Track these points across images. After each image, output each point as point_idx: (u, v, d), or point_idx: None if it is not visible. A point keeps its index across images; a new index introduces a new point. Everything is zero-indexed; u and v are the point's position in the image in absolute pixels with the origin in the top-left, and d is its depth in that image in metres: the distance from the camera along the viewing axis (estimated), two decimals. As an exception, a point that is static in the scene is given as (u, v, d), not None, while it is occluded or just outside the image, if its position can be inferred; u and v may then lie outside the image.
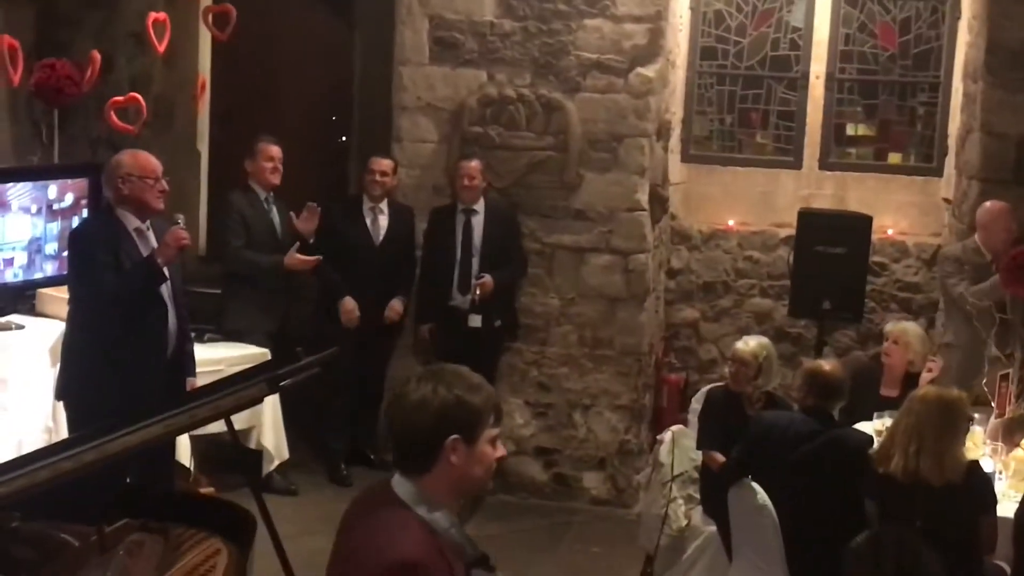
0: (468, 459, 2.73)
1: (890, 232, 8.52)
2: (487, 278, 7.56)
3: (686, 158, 8.83)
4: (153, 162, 5.64)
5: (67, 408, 5.74)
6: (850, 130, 8.75)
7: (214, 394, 3.94)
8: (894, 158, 8.74)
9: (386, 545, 2.66)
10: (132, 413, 3.90)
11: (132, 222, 5.59)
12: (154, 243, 5.61)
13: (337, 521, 2.98)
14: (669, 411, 8.41)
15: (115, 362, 5.48)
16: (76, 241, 5.69)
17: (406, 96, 8.04)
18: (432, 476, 2.73)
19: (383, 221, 7.76)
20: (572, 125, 7.84)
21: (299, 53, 8.89)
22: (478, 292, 7.54)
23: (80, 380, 5.59)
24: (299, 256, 7.30)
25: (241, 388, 3.96)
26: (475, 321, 7.58)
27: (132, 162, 5.61)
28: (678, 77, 8.60)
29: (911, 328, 6.97)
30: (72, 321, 5.70)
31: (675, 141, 8.67)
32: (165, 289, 5.62)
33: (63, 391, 5.72)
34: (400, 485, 2.76)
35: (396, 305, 7.83)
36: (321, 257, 7.35)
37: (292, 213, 7.43)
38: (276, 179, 7.45)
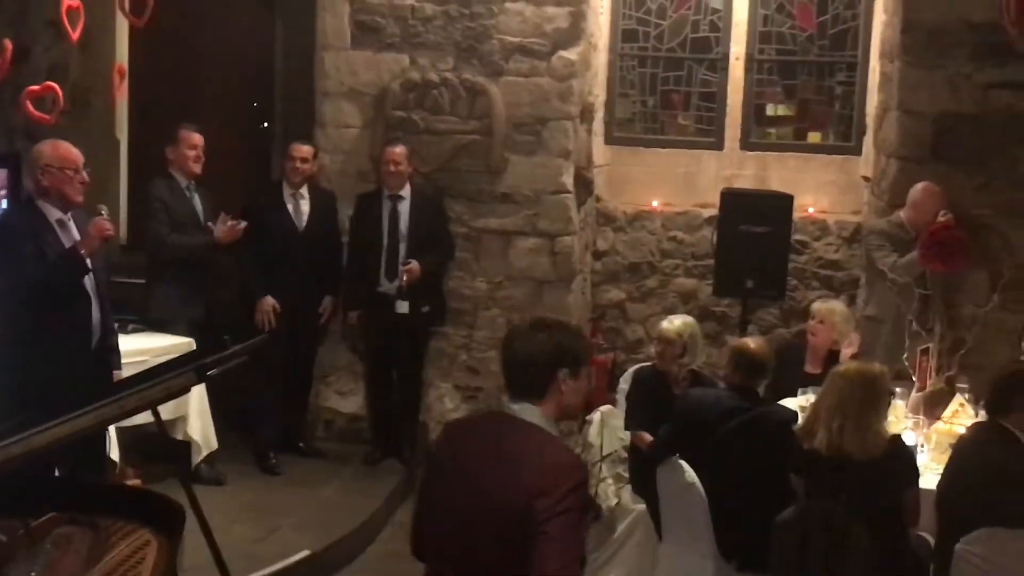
0: (573, 389, 3.36)
1: (811, 211, 8.64)
2: (413, 264, 7.55)
3: (610, 140, 8.88)
4: (74, 153, 5.58)
5: None
6: (770, 110, 8.85)
7: (142, 384, 3.91)
8: (814, 137, 8.86)
9: (550, 449, 3.26)
10: (60, 404, 3.86)
11: (53, 213, 5.53)
12: (76, 235, 5.55)
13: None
14: (597, 391, 8.42)
15: (37, 354, 5.40)
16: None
17: (328, 82, 8.00)
18: (544, 403, 3.34)
19: (305, 207, 7.71)
20: (496, 109, 7.85)
21: (220, 39, 8.79)
22: (405, 278, 7.53)
23: (2, 372, 5.50)
24: (226, 225, 7.24)
25: (169, 377, 3.92)
26: (403, 307, 7.56)
27: (52, 153, 5.56)
28: (600, 60, 8.65)
29: (838, 307, 7.05)
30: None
31: (598, 124, 8.72)
32: (89, 281, 5.56)
33: None
34: (525, 411, 3.33)
35: (327, 304, 7.81)
36: (246, 223, 7.30)
37: (210, 223, 7.34)
38: (198, 167, 7.37)
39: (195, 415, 7.23)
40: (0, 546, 3.60)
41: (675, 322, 6.38)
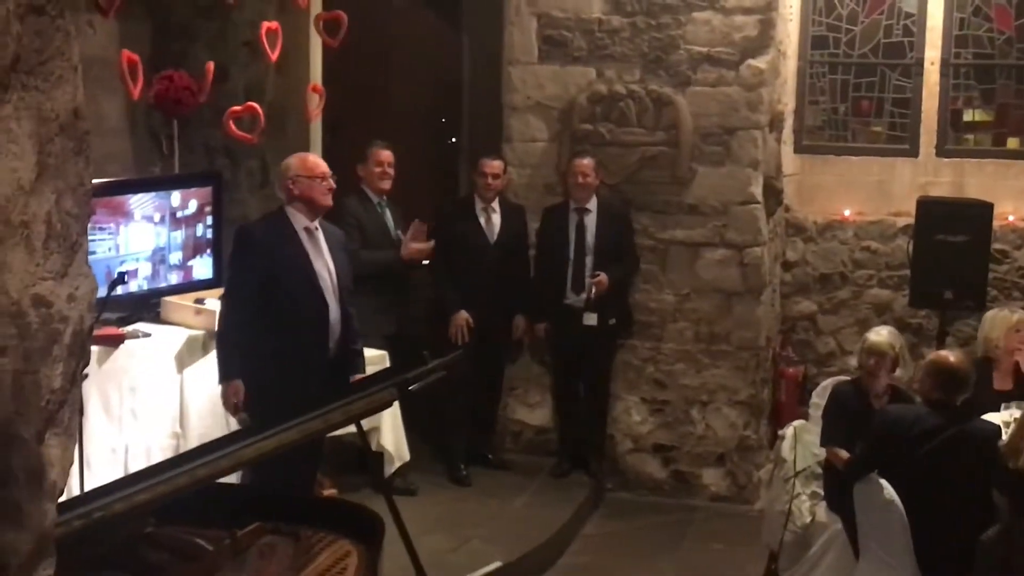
0: None
1: (1011, 218, 8.33)
2: (602, 276, 7.54)
3: (799, 149, 8.73)
4: (319, 162, 6.01)
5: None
6: (967, 116, 8.58)
7: (346, 398, 3.99)
8: (1013, 143, 8.55)
9: None
10: (265, 419, 3.97)
11: (301, 221, 5.88)
12: (323, 242, 5.92)
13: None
14: (788, 405, 8.32)
15: (271, 357, 5.71)
16: (241, 234, 5.98)
17: (516, 96, 8.05)
18: None
19: (496, 220, 7.78)
20: (683, 119, 7.79)
21: (408, 57, 8.95)
22: (594, 290, 7.53)
23: (243, 365, 5.80)
24: (415, 245, 7.39)
25: (371, 392, 4.01)
26: (591, 319, 7.57)
27: (300, 164, 5.97)
28: (789, 67, 8.51)
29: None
30: (225, 309, 5.92)
31: (787, 132, 8.57)
32: (327, 284, 5.84)
33: (224, 375, 5.86)
34: None
35: (519, 323, 7.87)
36: (434, 242, 7.42)
37: (400, 231, 7.49)
38: (387, 184, 7.51)
39: (388, 427, 7.36)
40: (207, 556, 3.71)
41: (882, 333, 6.21)
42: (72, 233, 1.61)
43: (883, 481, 5.50)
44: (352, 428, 4.18)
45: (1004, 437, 5.43)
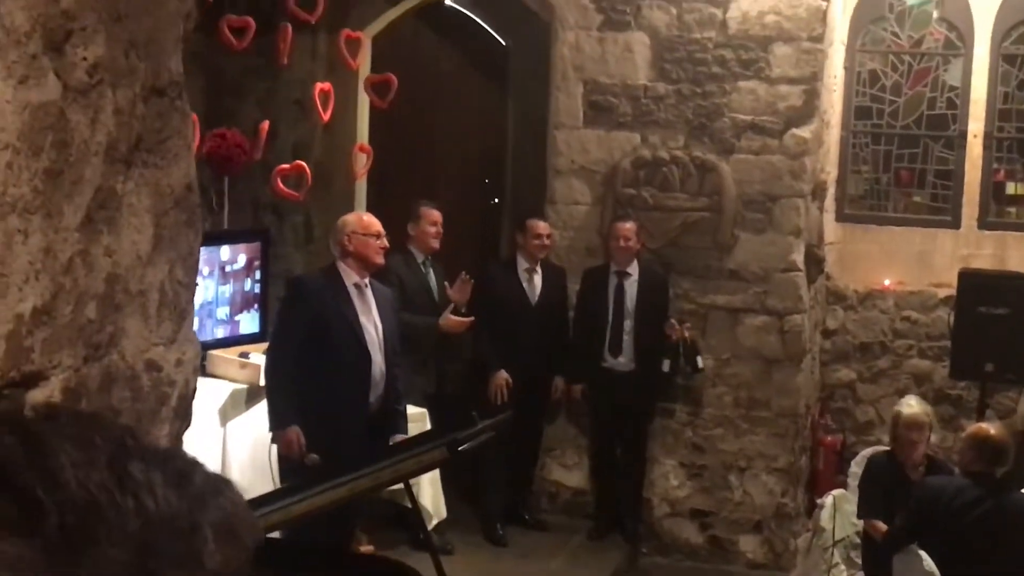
0: None
1: (1053, 292, 8.32)
2: (676, 324, 7.60)
3: (841, 217, 8.78)
4: (375, 222, 6.17)
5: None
6: (1010, 189, 8.61)
7: (394, 457, 4.05)
8: (1055, 217, 8.57)
9: None
10: (321, 472, 4.02)
11: (352, 277, 6.00)
12: (371, 299, 6.04)
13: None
14: (826, 473, 8.31)
15: (313, 410, 5.78)
16: (293, 285, 6.21)
17: (560, 159, 8.15)
18: None
19: (538, 281, 7.85)
20: (726, 186, 7.86)
21: (455, 118, 9.07)
22: (675, 336, 7.58)
23: (291, 412, 5.86)
24: (454, 318, 7.41)
25: (420, 451, 4.07)
26: (667, 365, 7.62)
27: (357, 221, 6.17)
28: (832, 137, 8.58)
29: None
30: (272, 358, 6.03)
31: (830, 200, 8.63)
32: (374, 338, 5.89)
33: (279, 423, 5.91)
34: None
35: (558, 384, 7.91)
36: (474, 318, 7.45)
37: (446, 283, 7.56)
38: (437, 243, 7.59)
39: (427, 483, 7.38)
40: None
41: (914, 405, 6.23)
42: (182, 301, 1.69)
43: (923, 553, 5.50)
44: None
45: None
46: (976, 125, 8.50)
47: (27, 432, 0.72)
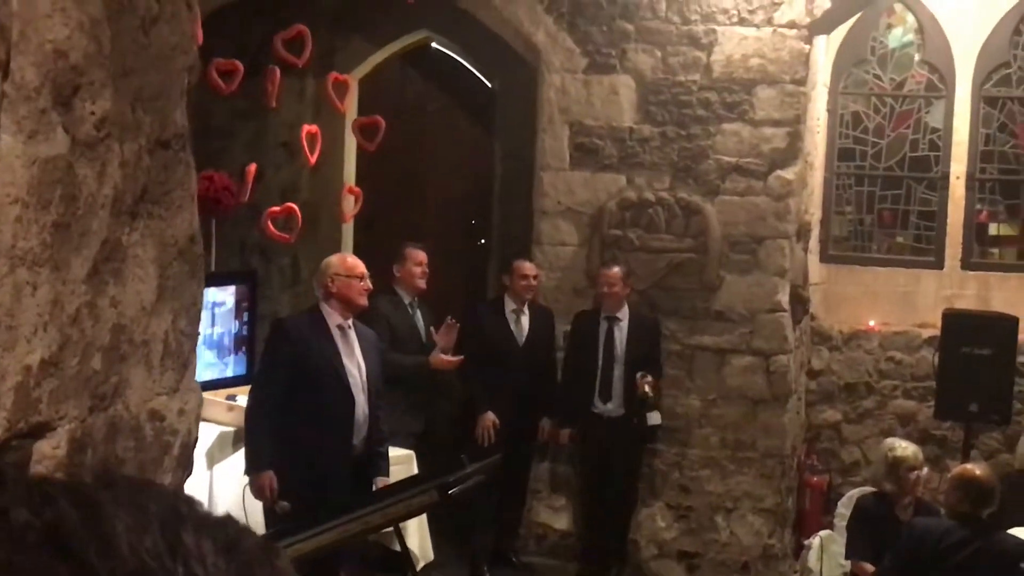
0: None
1: (1036, 333, 8.38)
2: (649, 376, 7.56)
3: (825, 258, 8.83)
4: (359, 263, 6.17)
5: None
6: (992, 230, 8.69)
7: (384, 501, 4.05)
8: (1038, 258, 8.65)
9: None
10: (307, 520, 4.02)
11: (335, 319, 5.99)
12: (355, 341, 6.01)
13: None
14: (812, 514, 8.31)
15: (294, 446, 5.74)
16: (276, 327, 6.18)
17: (546, 200, 8.18)
18: None
19: (525, 322, 7.87)
20: (712, 227, 7.90)
21: (441, 160, 9.12)
22: (649, 389, 7.52)
23: (266, 456, 5.81)
24: (443, 357, 7.42)
25: (411, 495, 4.07)
26: (655, 419, 7.59)
27: (340, 263, 6.15)
28: (816, 178, 8.64)
29: None
30: (254, 400, 5.98)
31: (814, 241, 8.68)
32: (357, 380, 5.89)
33: (254, 466, 5.87)
34: None
35: (545, 426, 7.91)
36: (463, 357, 7.46)
37: (432, 328, 7.57)
38: (423, 284, 7.60)
39: (414, 526, 7.35)
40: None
41: (906, 446, 6.24)
42: (184, 351, 1.70)
43: (912, 595, 5.50)
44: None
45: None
46: (958, 167, 8.58)
47: (85, 499, 0.74)
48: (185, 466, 1.76)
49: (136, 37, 1.59)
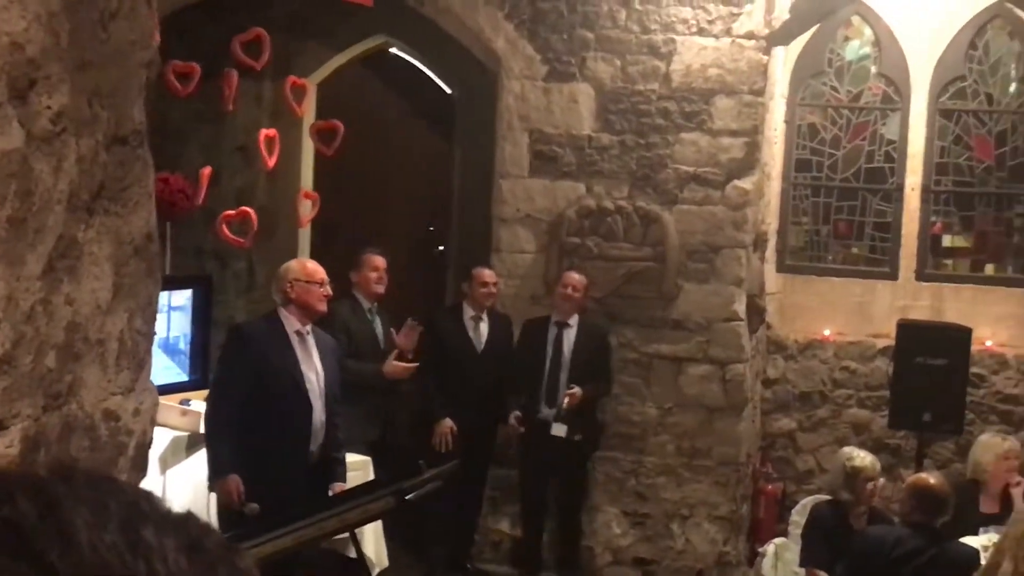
0: None
1: (989, 344, 8.47)
2: (576, 390, 7.54)
3: (781, 268, 8.88)
4: (319, 269, 6.10)
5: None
6: (946, 241, 8.76)
7: (340, 506, 4.03)
8: (991, 269, 8.72)
9: None
10: (260, 525, 3.99)
11: (293, 325, 5.94)
12: (313, 347, 5.97)
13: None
14: (767, 522, 8.35)
15: (252, 458, 5.69)
16: (233, 333, 6.14)
17: (505, 208, 8.18)
18: None
19: (484, 329, 7.85)
20: (670, 236, 7.93)
21: (400, 167, 9.10)
22: (566, 402, 7.54)
23: (229, 460, 5.77)
24: (398, 364, 7.39)
25: (367, 501, 4.05)
26: (559, 430, 7.57)
27: (300, 268, 6.09)
28: (773, 189, 8.69)
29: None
30: (212, 406, 5.93)
31: (770, 251, 8.73)
32: (314, 388, 5.87)
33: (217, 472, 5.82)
34: None
35: (515, 423, 7.88)
36: (418, 364, 7.43)
37: (392, 329, 7.53)
38: (381, 289, 7.57)
39: (369, 532, 7.31)
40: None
41: (864, 456, 6.26)
42: (140, 350, 1.68)
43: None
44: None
45: (982, 561, 5.48)
46: (913, 178, 8.65)
47: (43, 494, 0.72)
48: (140, 468, 1.74)
49: (94, 31, 1.57)
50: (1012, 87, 8.61)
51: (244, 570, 0.78)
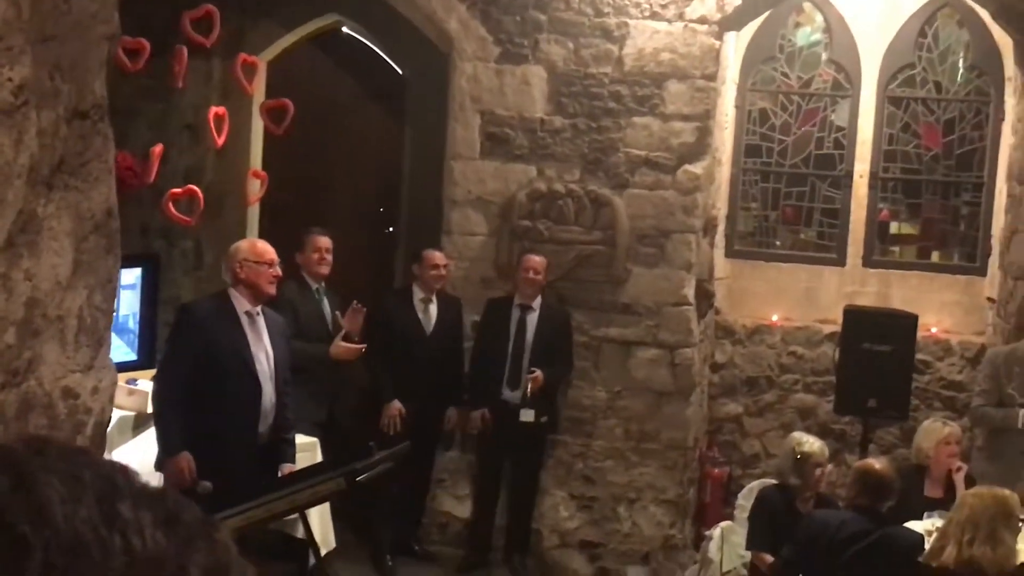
0: None
1: (934, 330, 8.56)
2: (539, 373, 7.58)
3: (730, 253, 8.92)
4: (269, 249, 6.03)
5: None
6: (893, 228, 8.85)
7: (290, 487, 4.01)
8: (937, 256, 8.82)
9: None
10: (209, 505, 3.95)
11: (243, 305, 5.89)
12: (263, 328, 5.92)
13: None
14: (713, 506, 8.40)
15: (200, 433, 5.65)
16: (182, 312, 6.05)
17: (457, 190, 8.16)
18: None
19: (433, 311, 7.83)
20: (620, 220, 7.94)
21: (351, 147, 9.04)
22: (530, 387, 7.56)
23: (178, 439, 5.71)
24: (344, 344, 7.35)
25: (318, 482, 4.03)
26: (527, 416, 7.60)
27: (249, 248, 6.03)
28: (723, 174, 8.72)
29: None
30: (160, 385, 5.88)
31: (719, 236, 8.76)
32: (264, 369, 5.83)
33: (167, 451, 5.76)
34: None
35: (452, 415, 7.88)
36: (365, 345, 7.40)
37: (338, 312, 7.49)
38: (325, 270, 7.53)
39: (316, 513, 7.27)
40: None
41: (813, 441, 6.30)
42: (99, 327, 1.65)
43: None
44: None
45: (926, 546, 5.56)
46: (862, 165, 8.72)
47: (15, 467, 0.71)
48: (98, 446, 1.72)
49: (56, 3, 1.54)
50: (960, 75, 8.69)
51: (221, 543, 0.77)
